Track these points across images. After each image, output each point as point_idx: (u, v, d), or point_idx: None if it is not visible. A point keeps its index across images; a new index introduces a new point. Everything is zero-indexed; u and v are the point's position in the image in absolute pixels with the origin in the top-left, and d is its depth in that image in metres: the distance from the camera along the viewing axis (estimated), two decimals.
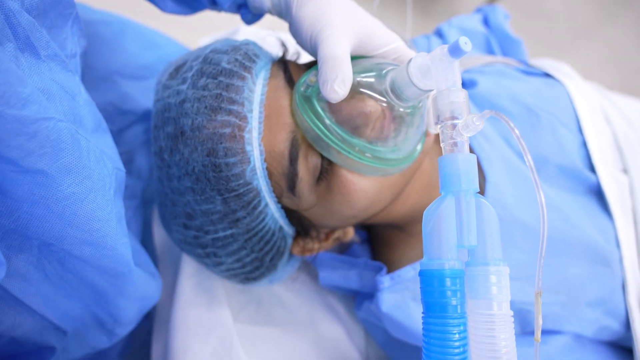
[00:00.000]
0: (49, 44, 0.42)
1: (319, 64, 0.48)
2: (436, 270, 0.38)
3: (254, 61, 0.55)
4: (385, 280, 0.62)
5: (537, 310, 0.37)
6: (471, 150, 0.66)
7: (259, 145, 0.51)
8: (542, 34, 1.82)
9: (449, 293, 0.37)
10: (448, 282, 0.37)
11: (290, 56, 0.64)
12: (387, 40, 0.53)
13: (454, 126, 0.41)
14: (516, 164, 0.66)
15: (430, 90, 0.46)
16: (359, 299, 0.69)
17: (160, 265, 0.73)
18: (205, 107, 0.51)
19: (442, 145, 0.42)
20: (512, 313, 0.37)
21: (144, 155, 0.74)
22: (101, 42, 0.70)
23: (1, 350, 0.46)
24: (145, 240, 0.75)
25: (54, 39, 0.46)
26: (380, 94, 0.49)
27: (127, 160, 0.73)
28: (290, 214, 0.57)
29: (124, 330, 0.57)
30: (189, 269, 0.68)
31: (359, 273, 0.67)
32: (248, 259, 0.57)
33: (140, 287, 0.54)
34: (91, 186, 0.41)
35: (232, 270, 0.59)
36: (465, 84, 0.76)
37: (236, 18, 0.62)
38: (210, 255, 0.57)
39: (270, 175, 0.53)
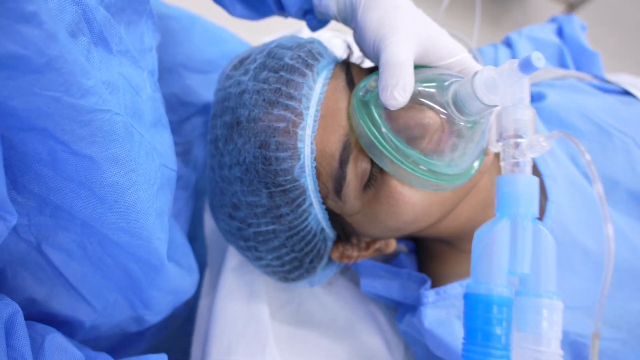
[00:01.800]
0: (122, 40, 0.44)
1: (380, 69, 0.48)
2: (483, 295, 0.36)
3: (317, 59, 0.55)
4: (430, 294, 0.60)
5: (592, 353, 0.34)
6: (534, 171, 0.62)
7: (311, 143, 0.51)
8: (621, 48, 1.70)
9: (494, 321, 0.35)
10: (495, 309, 0.35)
11: (354, 60, 0.63)
12: (452, 50, 0.51)
13: (517, 145, 0.39)
14: (582, 185, 0.62)
15: (495, 106, 0.44)
16: (401, 311, 0.67)
17: (209, 255, 0.75)
18: (263, 100, 0.52)
19: (502, 164, 0.40)
20: (562, 353, 0.35)
21: (201, 147, 0.76)
22: (170, 36, 0.73)
23: (34, 317, 0.48)
24: (196, 230, 0.77)
25: (132, 34, 0.48)
26: (441, 105, 0.47)
27: (185, 151, 0.75)
28: (334, 217, 0.57)
29: (154, 318, 0.59)
30: (233, 261, 0.69)
31: (401, 284, 0.66)
32: (287, 258, 0.57)
33: (172, 282, 0.55)
34: (135, 179, 0.43)
35: (271, 267, 0.59)
36: (533, 97, 0.72)
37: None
38: (251, 248, 0.58)
39: (318, 175, 0.52)
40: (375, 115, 0.49)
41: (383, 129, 0.49)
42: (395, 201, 0.53)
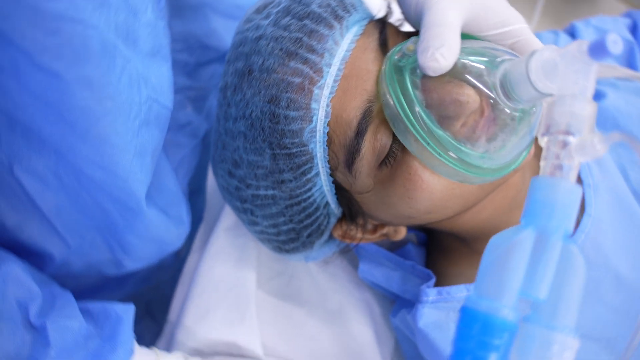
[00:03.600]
0: None
1: (422, 31, 0.41)
2: (483, 313, 0.30)
3: (348, 11, 0.48)
4: (431, 293, 0.54)
5: None
6: (578, 180, 0.55)
7: (327, 105, 0.45)
8: None
9: (490, 347, 0.29)
10: (494, 333, 0.29)
11: (393, 21, 0.56)
12: (508, 18, 0.44)
13: (565, 144, 0.32)
14: (629, 203, 0.54)
15: (550, 95, 0.37)
16: (398, 305, 0.62)
17: (207, 210, 0.71)
18: (281, 49, 0.46)
19: (542, 163, 0.33)
20: None
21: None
22: None
23: (2, 243, 0.46)
24: (200, 182, 0.73)
25: None
26: (486, 85, 0.41)
27: (199, 98, 0.70)
28: (341, 192, 0.51)
29: (134, 265, 0.55)
30: (228, 221, 0.64)
31: (403, 276, 0.60)
32: (284, 228, 0.53)
33: (153, 230, 0.51)
34: (111, 108, 0.38)
35: (265, 234, 0.55)
36: None
37: None
38: (247, 211, 0.53)
39: (329, 142, 0.47)
40: (408, 84, 0.43)
41: (414, 101, 0.42)
42: (413, 185, 0.47)
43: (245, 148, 0.49)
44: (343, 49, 0.46)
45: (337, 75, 0.46)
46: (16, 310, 0.42)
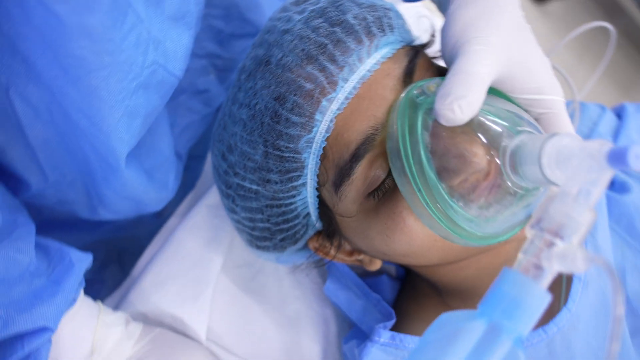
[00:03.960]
0: None
1: (449, 74, 0.39)
2: None
3: (383, 31, 0.46)
4: (384, 334, 0.53)
5: None
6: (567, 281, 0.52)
7: (331, 120, 0.44)
8: None
9: None
10: None
11: (432, 52, 0.53)
12: (544, 86, 0.42)
13: (551, 245, 0.30)
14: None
15: (554, 184, 0.35)
16: (352, 333, 0.60)
17: (200, 181, 0.70)
18: (302, 50, 0.44)
19: (520, 256, 0.31)
20: None
21: None
22: None
23: None
24: (203, 150, 0.72)
25: None
26: (497, 150, 0.38)
27: (225, 68, 0.69)
28: (323, 209, 0.49)
29: (108, 215, 0.55)
30: (213, 199, 0.63)
31: (365, 307, 0.59)
32: (260, 225, 0.51)
33: (129, 189, 0.50)
34: (109, 63, 0.37)
35: (241, 225, 0.53)
36: (614, 183, 0.60)
37: None
38: (229, 197, 0.52)
39: (323, 157, 0.45)
40: (419, 123, 0.41)
41: (419, 143, 0.40)
42: (394, 225, 0.45)
43: (242, 137, 0.47)
44: (365, 67, 0.44)
45: (351, 92, 0.44)
46: None
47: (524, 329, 0.29)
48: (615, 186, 0.59)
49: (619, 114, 0.70)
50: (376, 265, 0.56)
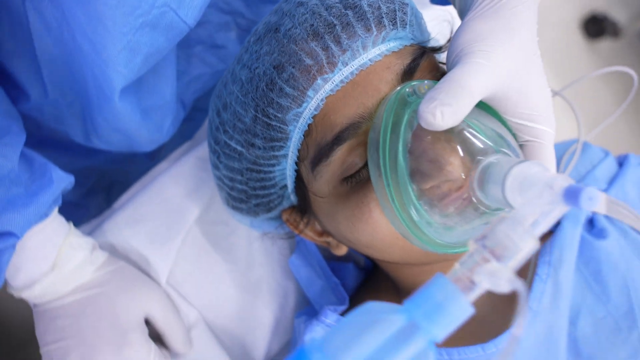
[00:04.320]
0: None
1: (441, 81, 0.39)
2: None
3: (394, 25, 0.46)
4: (331, 316, 0.54)
5: None
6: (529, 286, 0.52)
7: (322, 100, 0.45)
8: None
9: None
10: None
11: (444, 59, 0.53)
12: (538, 116, 0.42)
13: (485, 261, 0.31)
14: (556, 346, 0.52)
15: (512, 208, 0.35)
16: (306, 310, 0.62)
17: (198, 133, 0.72)
18: (311, 25, 0.45)
19: (457, 265, 0.32)
20: None
21: None
22: None
23: None
24: (208, 105, 0.74)
25: None
26: (472, 163, 0.38)
27: (248, 29, 0.70)
28: (300, 184, 0.50)
29: (100, 144, 0.57)
30: (203, 152, 0.65)
31: (323, 288, 0.60)
32: (238, 186, 0.53)
33: (121, 123, 0.52)
34: None
35: (221, 182, 0.55)
36: (593, 227, 0.60)
37: None
38: (216, 153, 0.53)
39: (307, 133, 0.46)
40: (404, 121, 0.41)
41: (399, 140, 0.41)
42: (361, 215, 0.46)
43: (237, 97, 0.48)
44: (367, 56, 0.45)
45: (347, 77, 0.44)
46: None
47: (440, 334, 0.30)
48: (594, 230, 0.59)
49: (622, 162, 0.69)
50: (342, 250, 0.57)
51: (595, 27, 1.85)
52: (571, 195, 0.30)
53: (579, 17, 1.88)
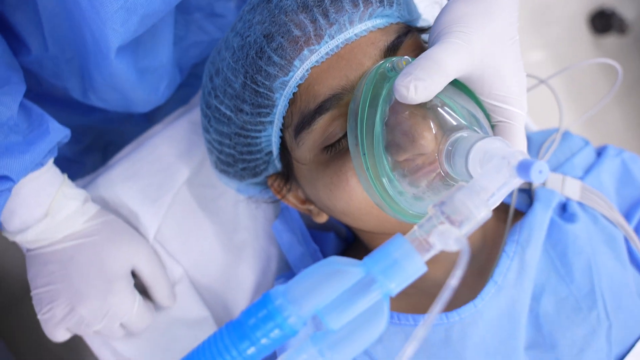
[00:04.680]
0: None
1: (418, 57, 0.41)
2: (275, 306, 0.33)
3: (381, 2, 0.48)
4: None
5: None
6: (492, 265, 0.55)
7: (307, 70, 0.47)
8: None
9: (260, 333, 0.32)
10: (269, 327, 0.32)
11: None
12: (511, 98, 0.44)
13: (442, 225, 0.33)
14: (517, 322, 0.54)
15: (471, 178, 0.37)
16: (285, 274, 0.65)
17: (195, 99, 0.74)
18: None
19: (415, 227, 0.34)
20: None
21: None
22: None
23: None
24: None
25: None
26: (443, 138, 0.41)
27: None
28: (284, 152, 0.53)
29: (97, 102, 0.59)
30: (197, 117, 0.67)
31: (303, 254, 0.63)
32: (227, 150, 0.55)
33: (117, 80, 0.53)
34: None
35: (211, 145, 0.57)
36: (565, 210, 0.62)
37: None
38: (207, 117, 0.55)
39: (292, 101, 0.48)
40: (382, 94, 0.43)
41: (377, 113, 0.43)
42: (338, 182, 0.48)
43: (229, 63, 0.50)
44: (353, 31, 0.46)
45: (332, 50, 0.46)
46: None
47: (394, 288, 0.33)
48: (565, 214, 0.62)
49: (600, 152, 0.71)
50: (322, 218, 0.60)
51: (603, 22, 1.84)
52: (523, 168, 0.32)
53: (586, 12, 1.87)
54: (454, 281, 0.29)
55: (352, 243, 0.70)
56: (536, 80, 0.69)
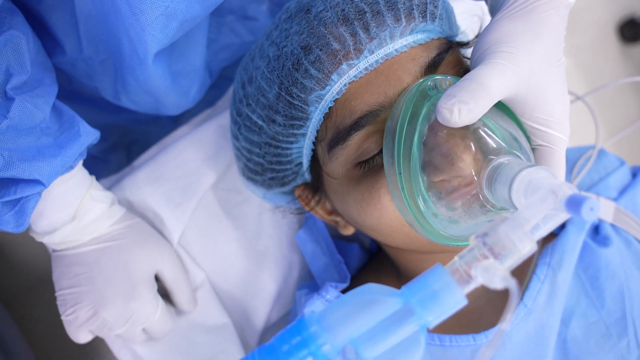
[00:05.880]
0: None
1: (462, 78, 0.40)
2: (309, 333, 0.32)
3: (424, 17, 0.46)
4: (332, 292, 0.56)
5: None
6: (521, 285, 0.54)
7: (345, 85, 0.46)
8: None
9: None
10: (303, 355, 0.31)
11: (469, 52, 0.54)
12: (554, 122, 0.42)
13: (484, 258, 0.32)
14: (545, 347, 0.53)
15: (515, 209, 0.36)
16: (308, 284, 0.64)
17: (222, 100, 0.73)
18: (342, 10, 0.46)
19: (456, 258, 0.33)
20: None
21: None
22: None
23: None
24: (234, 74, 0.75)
25: None
26: (484, 162, 0.39)
27: (281, 3, 0.70)
28: (315, 164, 0.52)
29: (128, 104, 0.58)
30: (225, 121, 0.66)
31: (327, 265, 0.62)
32: (255, 159, 0.54)
33: (151, 84, 0.53)
34: None
35: (239, 152, 0.57)
36: (597, 233, 0.60)
37: None
38: (237, 124, 0.55)
39: (327, 115, 0.47)
40: (422, 113, 0.42)
41: (415, 131, 0.42)
42: (370, 199, 0.47)
43: (263, 73, 0.49)
44: (394, 46, 0.45)
45: (372, 65, 0.45)
46: (1, 74, 0.45)
47: (432, 321, 0.32)
48: (598, 237, 0.60)
49: (635, 173, 0.69)
50: (349, 230, 0.59)
51: (632, 31, 1.80)
52: (574, 203, 0.31)
53: (616, 20, 1.83)
54: (504, 325, 0.28)
55: (376, 255, 0.69)
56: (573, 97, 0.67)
